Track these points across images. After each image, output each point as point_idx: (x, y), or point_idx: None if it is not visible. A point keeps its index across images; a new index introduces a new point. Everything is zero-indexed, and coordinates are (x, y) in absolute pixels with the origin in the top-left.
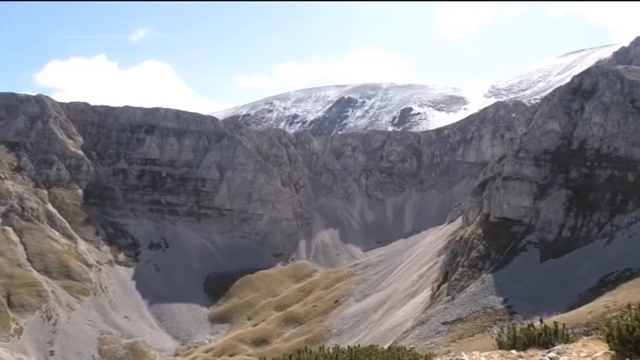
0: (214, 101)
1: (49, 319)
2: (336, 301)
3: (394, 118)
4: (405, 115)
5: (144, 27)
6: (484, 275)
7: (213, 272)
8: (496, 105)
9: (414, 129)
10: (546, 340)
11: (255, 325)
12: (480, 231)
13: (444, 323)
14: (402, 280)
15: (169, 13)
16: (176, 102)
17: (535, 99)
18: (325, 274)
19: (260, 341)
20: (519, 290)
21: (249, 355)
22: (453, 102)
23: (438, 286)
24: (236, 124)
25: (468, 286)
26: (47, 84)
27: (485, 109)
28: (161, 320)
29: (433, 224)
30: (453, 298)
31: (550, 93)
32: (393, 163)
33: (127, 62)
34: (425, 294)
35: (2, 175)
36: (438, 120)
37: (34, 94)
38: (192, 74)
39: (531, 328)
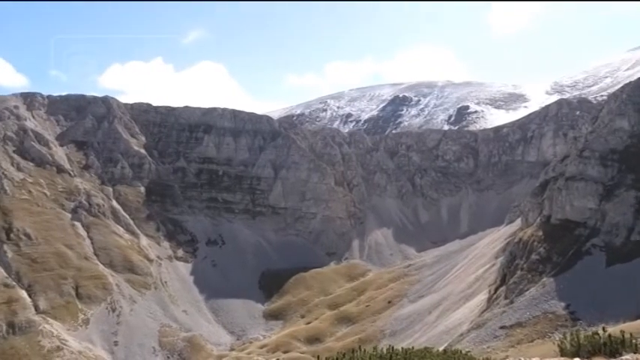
0: (266, 101)
1: (113, 310)
2: (390, 302)
3: (450, 116)
4: (462, 113)
5: (196, 29)
6: (545, 279)
7: (267, 269)
8: (559, 102)
9: (471, 127)
10: (613, 348)
11: (308, 323)
12: (540, 233)
13: (501, 327)
14: (457, 282)
15: (220, 14)
16: (230, 102)
17: (602, 96)
18: (378, 273)
19: (313, 339)
20: (583, 295)
21: (302, 353)
22: (512, 99)
23: (496, 289)
24: (290, 123)
25: (527, 289)
26: (109, 87)
27: (547, 106)
28: (217, 315)
29: (490, 225)
30: (512, 302)
31: (618, 89)
32: (448, 162)
33: (182, 64)
34: (481, 297)
35: (72, 173)
36: (497, 118)
37: (100, 95)
38: (245, 74)
39: (596, 336)
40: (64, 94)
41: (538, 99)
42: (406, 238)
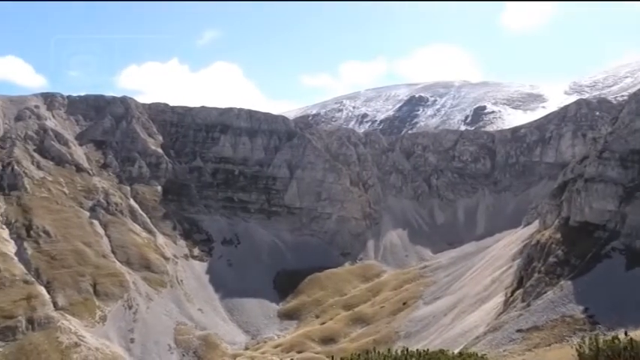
0: (280, 101)
1: (130, 308)
2: (405, 303)
3: (467, 116)
4: (479, 113)
5: (210, 29)
6: (563, 282)
7: (282, 269)
8: (578, 102)
9: (488, 128)
10: (633, 354)
11: (322, 324)
12: (558, 235)
13: (518, 331)
14: (473, 284)
15: (233, 14)
16: (245, 102)
17: (622, 96)
18: (394, 274)
19: (328, 339)
20: (602, 299)
21: (316, 353)
22: (530, 100)
23: (512, 292)
24: (306, 123)
25: (544, 292)
26: (126, 87)
27: (566, 106)
28: (232, 314)
29: (507, 227)
30: (529, 305)
31: (639, 89)
32: (465, 163)
33: (197, 65)
34: (498, 299)
35: (90, 172)
36: (514, 119)
37: (119, 95)
38: (259, 74)
39: (616, 341)
40: (82, 94)
41: (556, 99)
42: (422, 239)
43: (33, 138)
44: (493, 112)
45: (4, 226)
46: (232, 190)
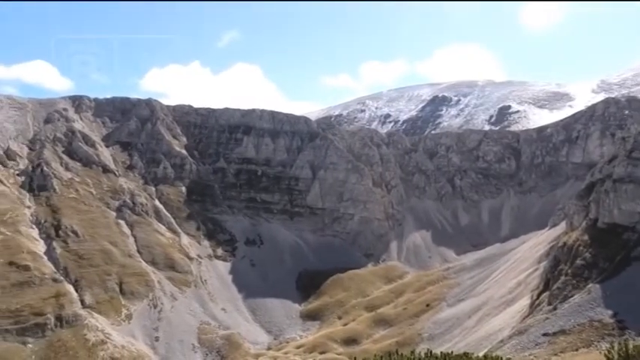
0: (301, 102)
1: (155, 307)
2: (428, 305)
3: (491, 116)
4: (503, 113)
5: (229, 31)
6: (590, 285)
7: (304, 270)
8: (606, 101)
9: (513, 128)
10: None
11: (345, 325)
12: (585, 237)
13: (544, 334)
14: (498, 287)
15: (252, 15)
16: (266, 103)
17: None
18: (416, 276)
19: (350, 341)
20: (632, 304)
21: (339, 354)
22: (556, 99)
23: (538, 295)
24: (328, 124)
25: (571, 296)
26: (150, 89)
27: (594, 105)
28: (255, 314)
29: (533, 228)
30: (555, 309)
31: None
32: (489, 163)
33: (218, 67)
34: (523, 302)
35: (117, 173)
36: (540, 118)
37: (144, 98)
38: (280, 75)
39: None
40: (109, 96)
41: (584, 98)
42: (445, 241)
43: (61, 140)
44: (518, 111)
45: (33, 226)
46: (255, 191)
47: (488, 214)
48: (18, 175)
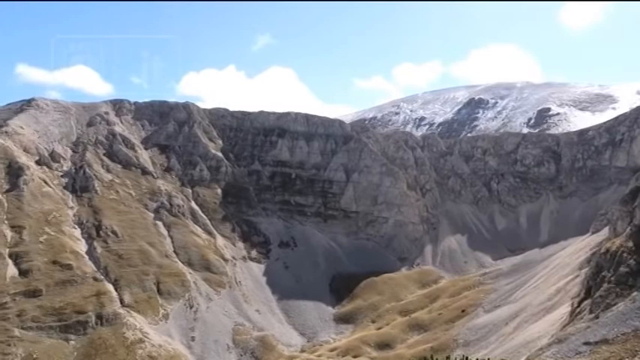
0: (335, 105)
1: (191, 307)
2: (463, 310)
3: (530, 119)
4: (543, 115)
5: (262, 35)
6: (635, 294)
7: (338, 273)
8: None
9: (553, 130)
10: None
11: (379, 329)
12: (630, 244)
13: (585, 343)
14: (537, 293)
15: (284, 18)
16: (300, 106)
17: None
18: (452, 281)
19: (384, 345)
20: None
21: (372, 358)
22: (599, 101)
23: (579, 303)
24: (362, 126)
25: (615, 304)
26: (187, 93)
27: (639, 107)
28: (289, 316)
29: (574, 234)
30: (597, 317)
31: None
32: (528, 167)
33: (253, 70)
34: (563, 310)
35: (155, 175)
36: (581, 121)
37: (182, 102)
38: (313, 78)
39: None
40: (147, 100)
41: (628, 100)
42: (481, 245)
43: (103, 142)
44: (558, 113)
45: (76, 226)
46: (289, 194)
47: (526, 219)
48: (62, 176)
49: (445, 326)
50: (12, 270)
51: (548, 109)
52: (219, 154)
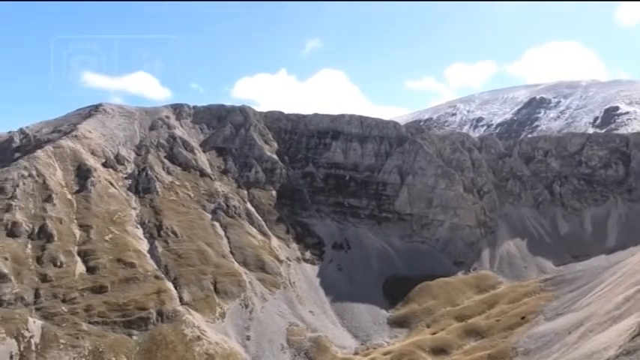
0: (386, 106)
1: (246, 307)
2: (523, 318)
3: (596, 118)
4: (610, 115)
5: (311, 38)
6: None
7: (392, 275)
8: None
9: (621, 130)
10: None
11: (434, 333)
12: None
13: None
14: (603, 302)
15: (331, 20)
16: (352, 107)
17: None
18: (511, 287)
19: (439, 350)
20: None
21: None
22: None
23: None
24: (417, 128)
25: None
26: (241, 97)
27: None
28: (342, 318)
29: None
30: None
31: None
32: (593, 169)
33: (304, 74)
34: (632, 320)
35: (212, 177)
36: None
37: (238, 105)
38: (364, 80)
39: None
40: (205, 104)
41: None
42: (542, 251)
43: (164, 145)
44: (627, 112)
45: (138, 226)
46: (343, 196)
47: (591, 224)
48: (126, 178)
49: (504, 333)
50: (80, 267)
51: (617, 108)
52: (274, 157)
